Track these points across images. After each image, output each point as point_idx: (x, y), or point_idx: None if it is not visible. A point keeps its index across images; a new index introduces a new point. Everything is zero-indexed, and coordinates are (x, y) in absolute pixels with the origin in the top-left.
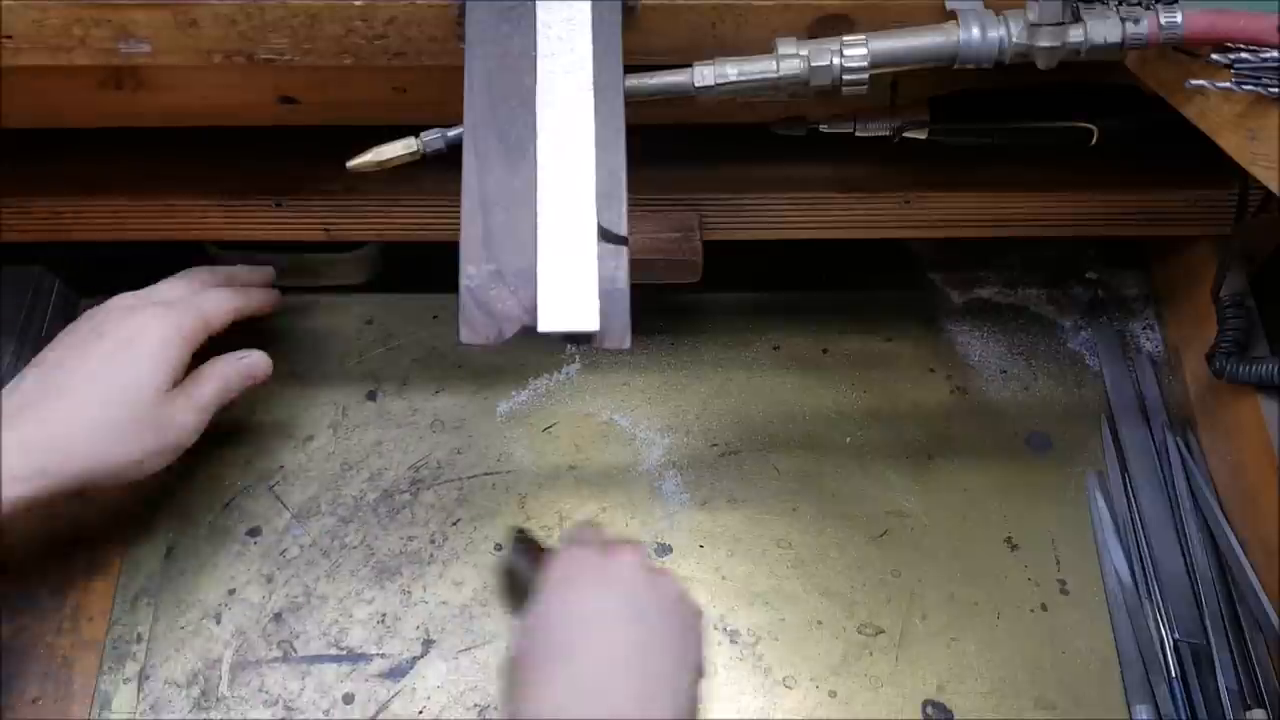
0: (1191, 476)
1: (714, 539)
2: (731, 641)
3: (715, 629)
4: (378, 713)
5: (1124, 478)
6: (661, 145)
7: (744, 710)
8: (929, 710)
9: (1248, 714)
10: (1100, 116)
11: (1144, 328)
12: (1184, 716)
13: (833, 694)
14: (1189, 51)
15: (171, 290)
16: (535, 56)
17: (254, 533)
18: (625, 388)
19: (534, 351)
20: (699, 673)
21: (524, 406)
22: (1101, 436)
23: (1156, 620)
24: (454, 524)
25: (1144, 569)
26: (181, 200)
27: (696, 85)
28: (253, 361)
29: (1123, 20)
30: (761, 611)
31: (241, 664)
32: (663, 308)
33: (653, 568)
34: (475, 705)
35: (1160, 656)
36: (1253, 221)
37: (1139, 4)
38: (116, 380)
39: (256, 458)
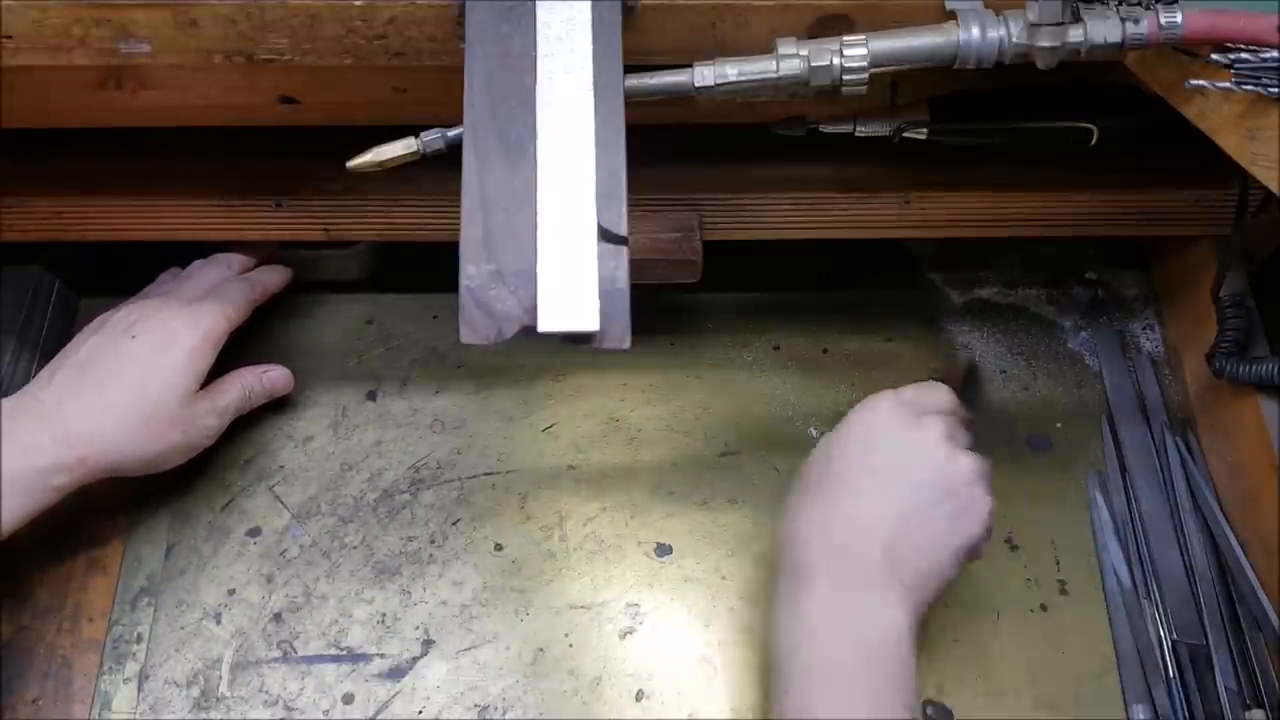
0: (1191, 476)
1: (714, 539)
2: (733, 641)
3: (715, 629)
4: (378, 713)
5: (1124, 478)
6: (661, 145)
7: (744, 710)
8: (929, 710)
9: (1247, 714)
10: (1100, 116)
11: (1144, 328)
12: (1182, 717)
13: None
14: (1189, 51)
15: (199, 284)
16: (535, 56)
17: (254, 533)
18: (625, 388)
19: (534, 352)
20: (967, 553)
21: (524, 406)
22: (1101, 436)
23: (1156, 620)
24: (454, 524)
25: (1143, 569)
26: (181, 200)
27: (696, 85)
28: (274, 377)
29: (1123, 20)
30: (762, 611)
31: (241, 664)
32: (663, 308)
33: (960, 447)
34: (475, 705)
35: (1159, 657)
36: (1253, 221)
37: (1139, 4)
38: (152, 382)
39: (256, 458)
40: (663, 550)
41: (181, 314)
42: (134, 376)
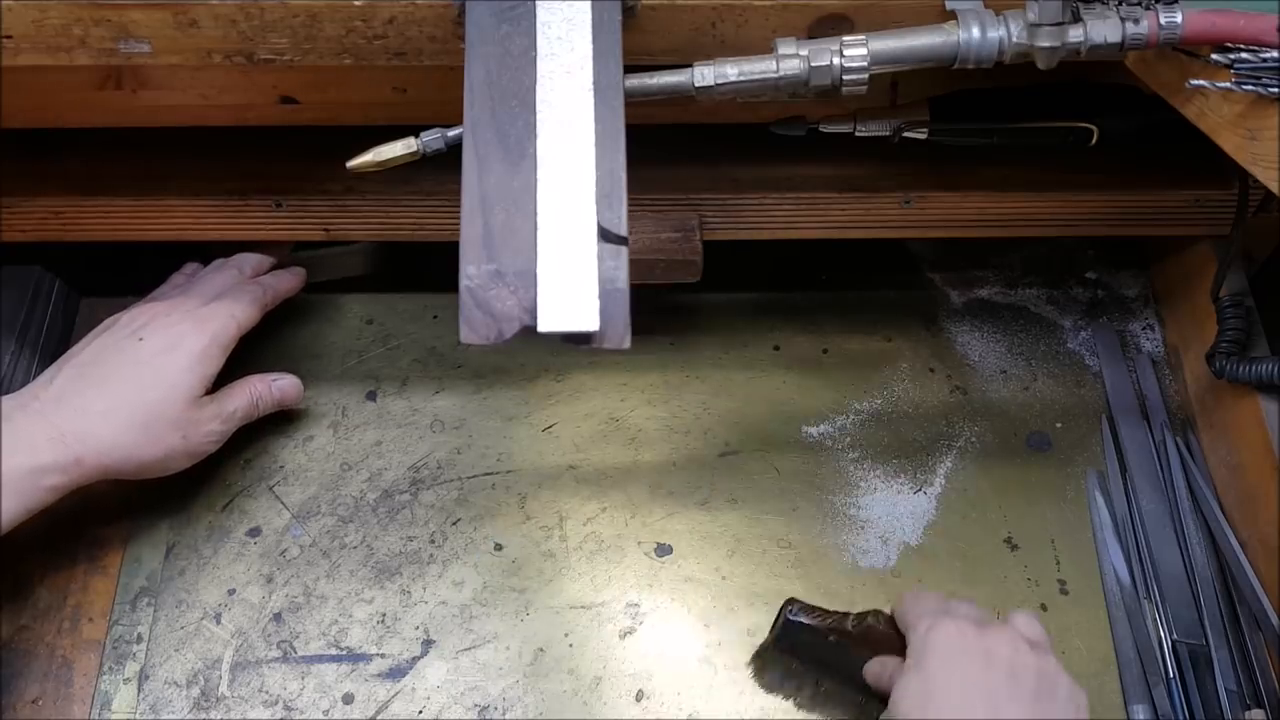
0: (1191, 476)
1: (714, 539)
2: (733, 641)
3: (715, 629)
4: (378, 713)
5: (1124, 478)
6: (661, 145)
7: (744, 710)
8: None
9: (1247, 714)
10: (1100, 116)
11: (1144, 328)
12: (1182, 717)
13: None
14: (1189, 51)
15: (210, 287)
16: (535, 56)
17: (254, 533)
18: (625, 388)
19: (534, 352)
20: None
21: (524, 406)
22: (1101, 436)
23: (1156, 620)
24: (454, 524)
25: (1143, 569)
26: (181, 200)
27: (696, 85)
28: (284, 386)
29: (1123, 20)
30: (762, 611)
31: (241, 664)
32: (663, 308)
33: (1034, 645)
34: (475, 705)
35: (1159, 657)
36: (1253, 221)
37: (1139, 4)
38: (155, 385)
39: (256, 458)
40: (663, 550)
41: (190, 317)
42: (137, 378)
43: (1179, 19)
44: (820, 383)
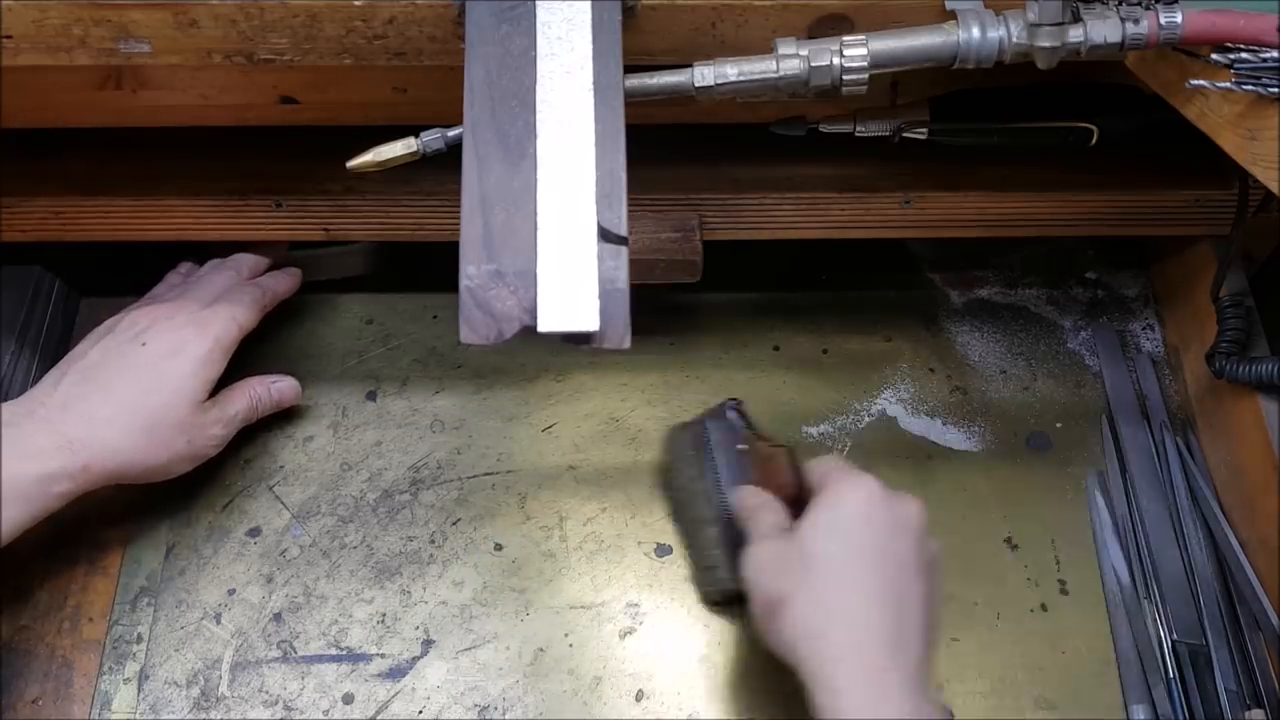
0: (1191, 477)
1: None
2: (733, 641)
3: (715, 629)
4: (378, 713)
5: (1124, 478)
6: (661, 145)
7: (744, 710)
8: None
9: (1247, 714)
10: (1100, 116)
11: (1144, 328)
12: (1182, 717)
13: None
14: (1189, 51)
15: (209, 288)
16: (535, 56)
17: (254, 533)
18: (625, 388)
19: (534, 352)
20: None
21: (524, 406)
22: (1101, 436)
23: (1156, 620)
24: (454, 524)
25: (1143, 569)
26: (181, 200)
27: (696, 85)
28: (283, 388)
29: (1123, 20)
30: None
31: (241, 664)
32: (663, 308)
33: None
34: (475, 705)
35: (1159, 657)
36: (1253, 221)
37: (1139, 4)
38: (159, 389)
39: (256, 458)
40: (663, 550)
41: (192, 321)
42: (141, 383)
43: (1179, 19)
44: (820, 383)
